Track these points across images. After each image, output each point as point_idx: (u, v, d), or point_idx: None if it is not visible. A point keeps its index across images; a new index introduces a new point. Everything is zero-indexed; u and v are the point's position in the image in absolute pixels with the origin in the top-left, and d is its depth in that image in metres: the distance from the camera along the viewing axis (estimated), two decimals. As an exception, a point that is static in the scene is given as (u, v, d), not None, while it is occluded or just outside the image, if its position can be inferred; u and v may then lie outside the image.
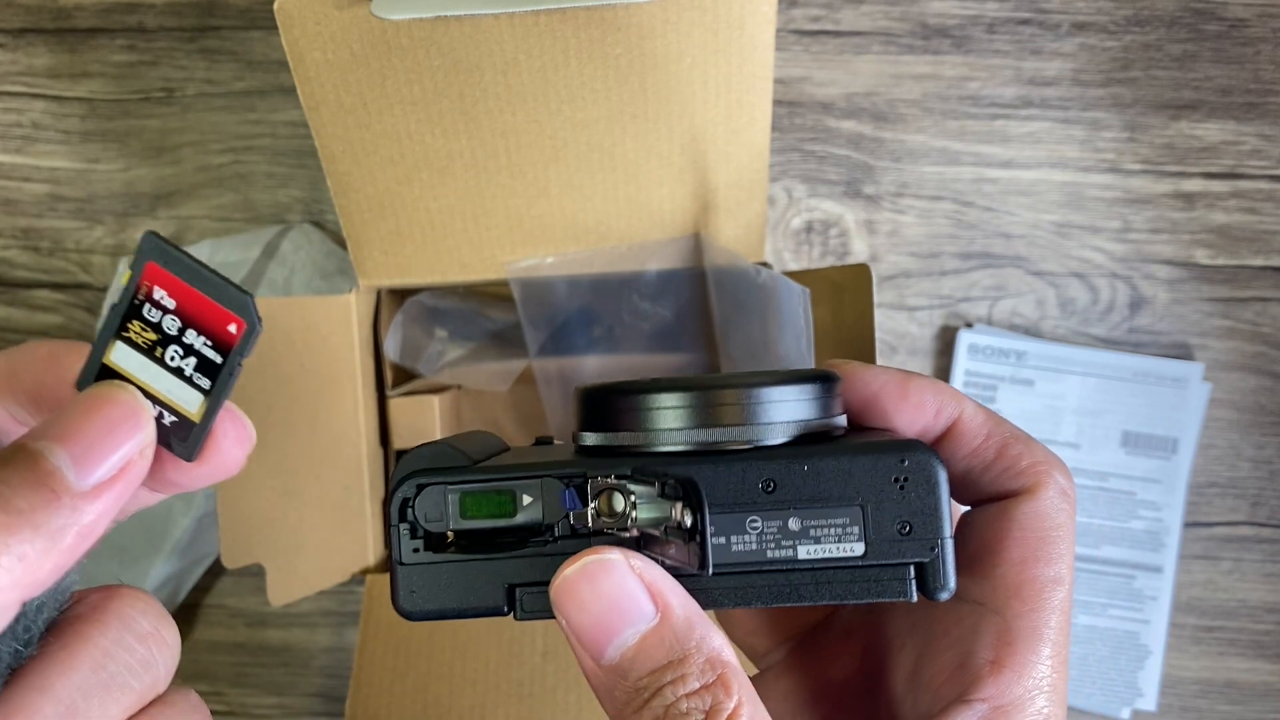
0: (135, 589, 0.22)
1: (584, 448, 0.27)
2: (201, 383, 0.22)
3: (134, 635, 0.21)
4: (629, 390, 0.26)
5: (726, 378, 0.26)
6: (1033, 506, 0.26)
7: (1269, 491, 0.61)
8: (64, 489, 0.20)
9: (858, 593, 0.24)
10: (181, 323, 0.22)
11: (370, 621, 0.50)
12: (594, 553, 0.24)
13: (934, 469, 0.24)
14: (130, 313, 0.22)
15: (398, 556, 0.25)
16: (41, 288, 0.62)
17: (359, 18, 0.42)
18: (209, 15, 0.60)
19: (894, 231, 0.61)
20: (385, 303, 0.55)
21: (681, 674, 0.22)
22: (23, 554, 0.19)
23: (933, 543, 0.24)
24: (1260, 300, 0.61)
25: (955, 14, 0.60)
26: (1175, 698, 0.61)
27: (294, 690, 0.61)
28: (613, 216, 0.51)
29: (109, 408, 0.21)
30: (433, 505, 0.25)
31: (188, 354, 0.22)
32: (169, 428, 0.22)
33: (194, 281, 0.22)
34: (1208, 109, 0.60)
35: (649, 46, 0.44)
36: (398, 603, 0.25)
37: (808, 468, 0.24)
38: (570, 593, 0.23)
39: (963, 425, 0.27)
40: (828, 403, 0.26)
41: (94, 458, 0.20)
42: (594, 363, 0.56)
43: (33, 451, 0.20)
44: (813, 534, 0.24)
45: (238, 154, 0.61)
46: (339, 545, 0.52)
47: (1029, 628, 0.25)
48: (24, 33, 0.61)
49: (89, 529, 0.20)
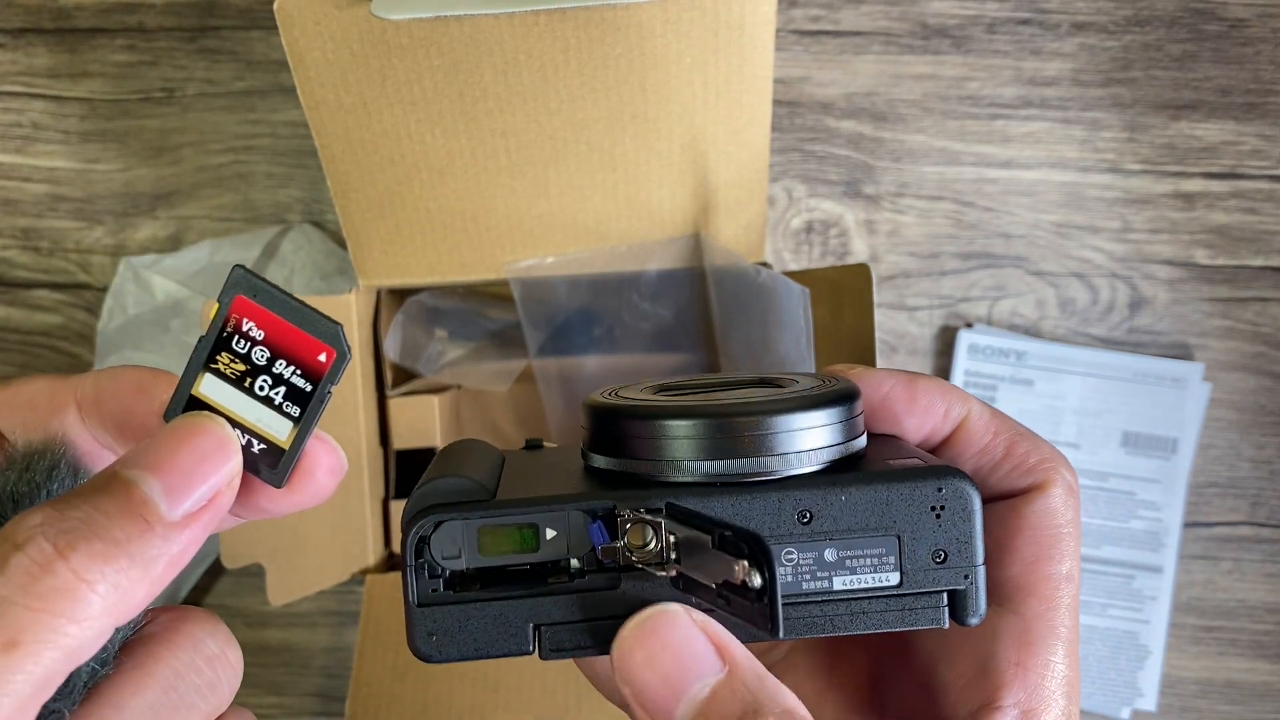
0: (205, 611, 0.23)
1: (596, 470, 0.26)
2: (291, 411, 0.22)
3: (203, 657, 0.22)
4: (651, 415, 0.24)
5: (755, 403, 0.24)
6: (1043, 504, 0.26)
7: (1269, 491, 0.61)
8: (157, 519, 0.20)
9: (892, 621, 0.24)
10: (271, 353, 0.22)
11: (370, 621, 0.50)
12: (653, 609, 0.23)
13: (970, 497, 0.24)
14: (219, 345, 0.22)
15: (413, 598, 0.23)
16: (41, 288, 0.62)
17: (359, 18, 0.42)
18: (209, 15, 0.60)
19: (894, 231, 0.61)
20: (385, 303, 0.55)
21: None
22: (118, 583, 0.19)
23: (967, 570, 0.24)
24: (1260, 300, 0.61)
25: (955, 14, 0.60)
26: (1175, 698, 0.61)
27: (294, 690, 0.61)
28: (613, 216, 0.51)
29: (199, 438, 0.21)
30: (450, 542, 0.24)
31: (277, 383, 0.22)
32: (258, 455, 0.22)
33: (283, 313, 0.22)
34: (1208, 109, 0.60)
35: (649, 46, 0.44)
36: (415, 647, 0.24)
37: (845, 498, 0.24)
38: (634, 651, 0.23)
39: (970, 425, 0.27)
40: (855, 423, 0.25)
41: (185, 488, 0.21)
42: (594, 363, 0.56)
43: (126, 480, 0.20)
44: (849, 564, 0.24)
45: (238, 154, 0.61)
46: (339, 545, 0.52)
47: (1047, 627, 0.25)
48: (24, 33, 0.61)
49: (178, 558, 0.20)
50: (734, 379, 0.28)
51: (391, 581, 0.51)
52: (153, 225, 0.61)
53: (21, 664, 0.18)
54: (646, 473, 0.24)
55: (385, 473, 0.56)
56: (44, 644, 0.18)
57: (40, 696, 0.19)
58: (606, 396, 0.26)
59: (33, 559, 0.18)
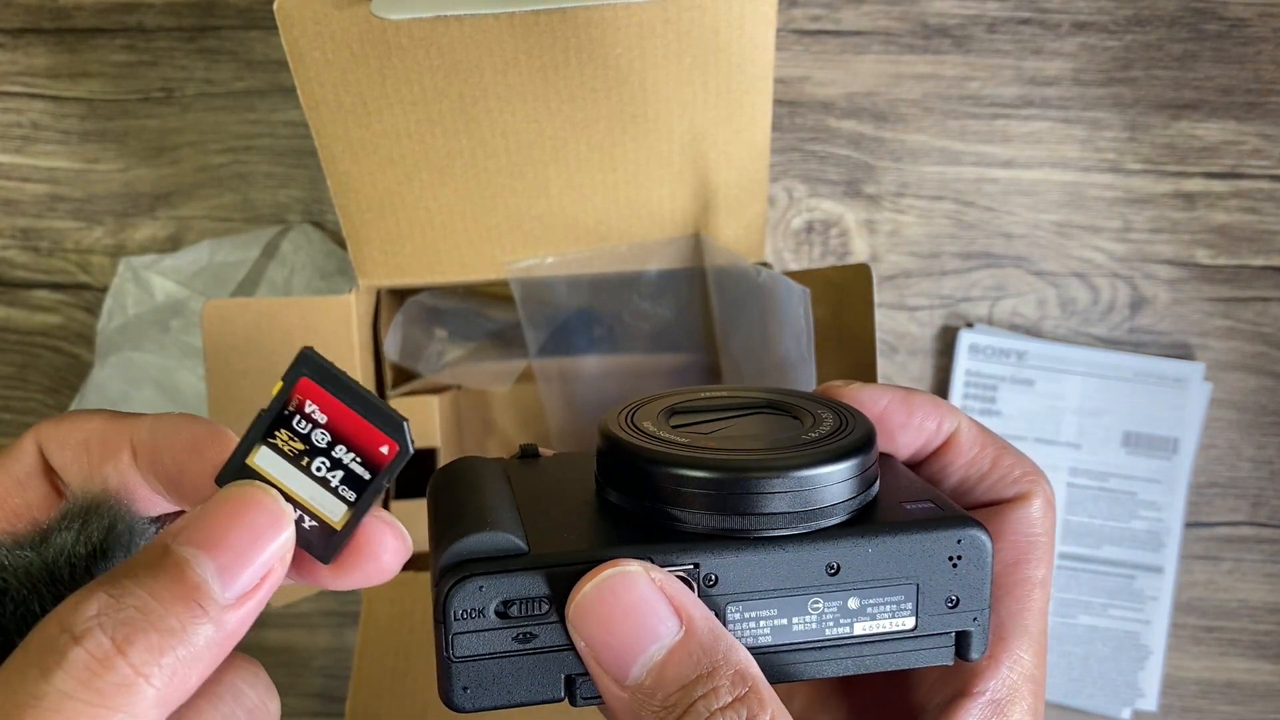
0: (248, 659, 0.23)
1: (613, 506, 0.26)
2: (347, 495, 0.22)
3: (244, 709, 0.22)
4: (682, 464, 0.24)
5: (782, 456, 0.24)
6: (1024, 513, 0.27)
7: (1269, 491, 0.61)
8: (211, 603, 0.20)
9: (901, 661, 0.25)
10: (332, 438, 0.22)
11: (370, 621, 0.50)
12: (612, 566, 0.23)
13: (986, 549, 0.25)
14: (278, 422, 0.22)
15: (449, 653, 0.23)
16: (41, 288, 0.62)
17: (359, 18, 0.42)
18: (209, 15, 0.60)
19: (894, 231, 0.61)
20: (385, 303, 0.55)
21: (713, 687, 0.22)
22: (174, 671, 0.19)
23: (976, 614, 0.25)
24: (1261, 300, 0.61)
25: (956, 14, 0.60)
26: (1176, 698, 0.61)
27: (294, 690, 0.61)
28: (613, 216, 0.51)
29: (253, 513, 0.21)
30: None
31: (335, 467, 0.22)
32: (309, 531, 0.22)
33: (349, 401, 0.22)
34: (1208, 109, 0.60)
35: (649, 46, 0.44)
36: (451, 700, 0.24)
37: (872, 550, 0.24)
38: (591, 611, 0.23)
39: (960, 438, 0.28)
40: (874, 468, 0.26)
41: (239, 568, 0.21)
42: (594, 363, 0.56)
43: (179, 560, 0.20)
44: (869, 611, 0.25)
45: (237, 154, 0.61)
46: (339, 545, 0.52)
47: (1020, 626, 0.26)
48: (23, 33, 0.61)
49: (230, 638, 0.20)
50: (742, 399, 0.29)
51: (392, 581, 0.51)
52: (152, 225, 0.61)
53: None
54: (672, 521, 0.24)
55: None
56: None
57: None
58: (625, 427, 0.26)
59: (91, 654, 0.19)
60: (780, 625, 0.24)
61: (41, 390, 0.62)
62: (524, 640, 0.24)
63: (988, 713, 0.26)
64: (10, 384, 0.62)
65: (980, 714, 0.26)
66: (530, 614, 0.23)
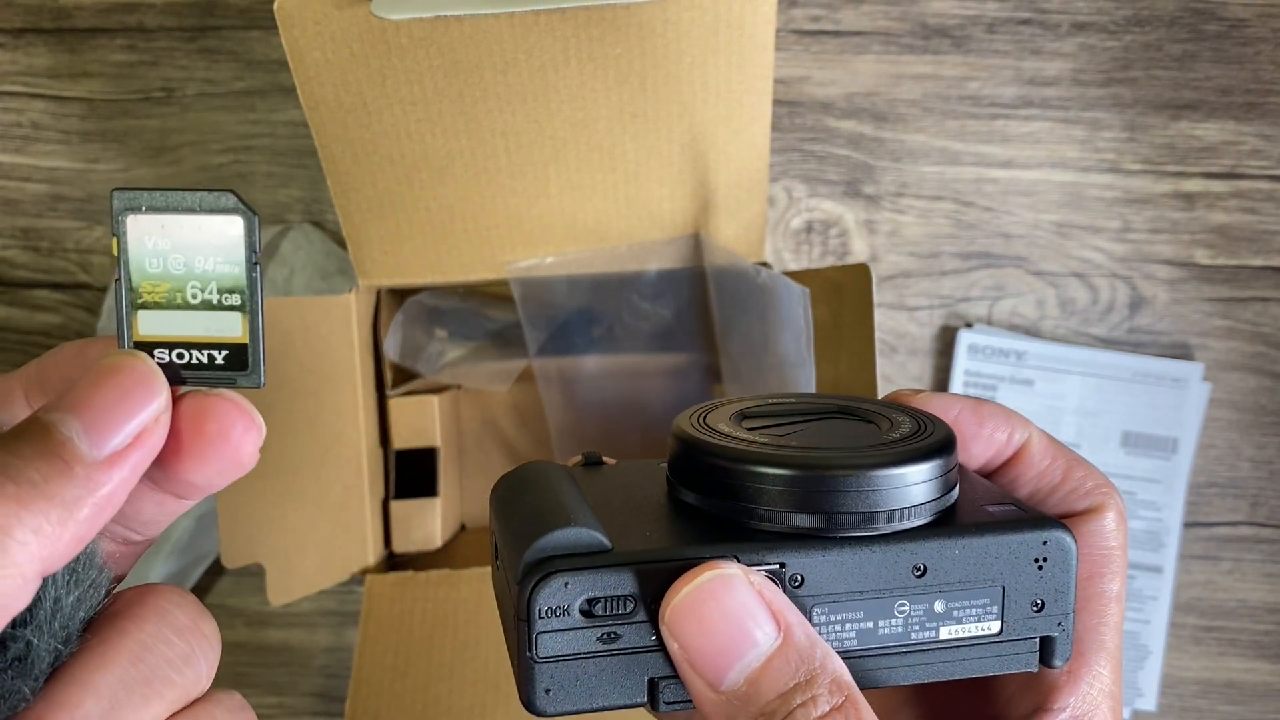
0: (171, 585, 0.22)
1: (688, 507, 0.25)
2: (232, 301, 0.21)
3: (172, 629, 0.21)
4: (765, 462, 0.24)
5: (868, 455, 0.24)
6: (1098, 526, 0.27)
7: (1269, 491, 0.61)
8: (76, 459, 0.19)
9: (987, 667, 0.25)
10: (186, 255, 0.21)
11: (370, 621, 0.50)
12: (711, 568, 0.22)
13: (1071, 550, 0.24)
14: (134, 276, 0.21)
15: (532, 654, 0.23)
16: (41, 288, 0.62)
17: (359, 17, 0.42)
18: (209, 15, 0.60)
19: (894, 231, 0.61)
20: (385, 303, 0.55)
21: (811, 696, 0.21)
22: (38, 527, 0.18)
23: (1060, 618, 0.25)
24: (1260, 300, 0.61)
25: (955, 14, 0.60)
26: (1175, 698, 0.61)
27: (294, 690, 0.61)
28: (613, 216, 0.51)
29: (120, 375, 0.20)
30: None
31: (207, 282, 0.21)
32: (224, 364, 0.22)
33: (176, 209, 0.21)
34: (1208, 109, 0.60)
35: (649, 46, 0.44)
36: (531, 701, 0.23)
37: (959, 551, 0.24)
38: (689, 614, 0.22)
39: (1031, 449, 0.28)
40: (955, 471, 0.25)
41: (107, 426, 0.20)
42: (594, 363, 0.56)
43: (45, 423, 0.20)
44: (955, 615, 0.24)
45: (238, 154, 0.61)
46: (339, 545, 0.52)
47: (1097, 641, 0.26)
48: (24, 33, 0.61)
49: (106, 499, 0.20)
50: (814, 407, 0.28)
51: (392, 581, 0.51)
52: (153, 225, 0.61)
53: None
54: (753, 520, 0.24)
55: (385, 473, 0.56)
56: None
57: None
58: (699, 427, 0.26)
59: None
60: (866, 629, 0.24)
61: (41, 390, 0.62)
62: (608, 640, 0.23)
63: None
64: (10, 384, 0.62)
65: None
66: (615, 613, 0.23)
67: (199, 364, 0.22)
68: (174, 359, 0.22)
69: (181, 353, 0.22)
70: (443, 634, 0.50)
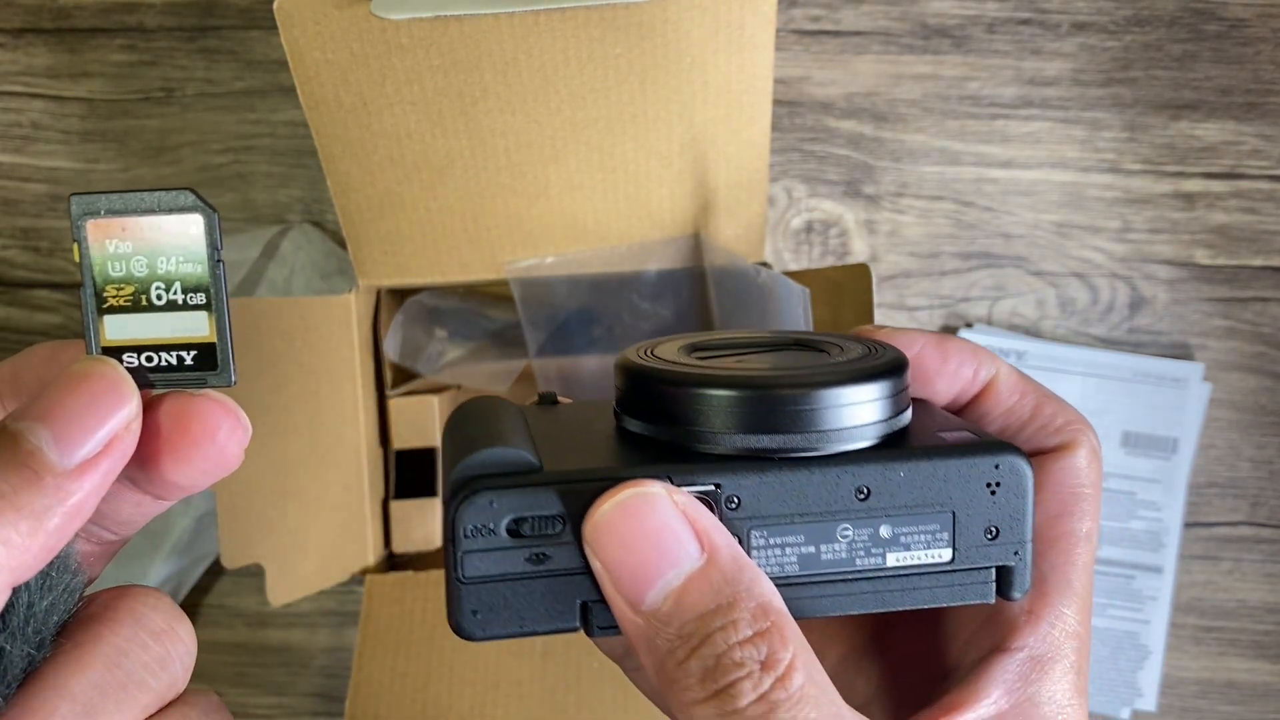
0: (147, 587, 0.22)
1: (632, 435, 0.25)
2: (197, 300, 0.21)
3: (148, 632, 0.21)
4: (702, 383, 0.23)
5: (812, 376, 0.23)
6: (1069, 462, 0.26)
7: (1269, 492, 0.61)
8: (46, 469, 0.19)
9: (941, 597, 0.24)
10: (147, 257, 0.21)
11: (370, 621, 0.50)
12: (634, 485, 0.22)
13: (1025, 474, 0.23)
14: (98, 281, 0.21)
15: (458, 574, 0.22)
16: (41, 288, 0.62)
17: (359, 17, 0.42)
18: (209, 15, 0.60)
19: (894, 231, 0.61)
20: (385, 303, 0.55)
21: (732, 619, 0.21)
22: (6, 538, 0.18)
23: (1017, 547, 0.24)
24: (1260, 300, 0.61)
25: (955, 14, 0.60)
26: (1175, 698, 0.61)
27: (294, 690, 0.61)
28: (613, 216, 0.51)
29: (89, 382, 0.20)
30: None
31: (170, 282, 0.21)
32: (194, 365, 0.22)
33: (135, 210, 0.21)
34: (1208, 109, 0.60)
35: (649, 46, 0.44)
36: (459, 624, 0.23)
37: (904, 474, 0.23)
38: (609, 530, 0.22)
39: (999, 385, 0.27)
40: (905, 394, 0.25)
41: (76, 434, 0.20)
42: (594, 363, 0.56)
43: (12, 432, 0.19)
44: (903, 541, 0.23)
45: (238, 154, 0.61)
46: (339, 545, 0.52)
47: (1062, 580, 0.25)
48: (24, 33, 0.61)
49: (75, 509, 0.19)
50: (768, 339, 0.28)
51: (392, 581, 0.51)
52: (153, 225, 0.61)
53: None
54: (693, 443, 0.23)
55: (385, 473, 0.56)
56: None
57: None
58: (644, 356, 0.26)
59: None
60: (808, 554, 0.23)
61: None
62: (537, 561, 0.23)
63: (1026, 669, 0.24)
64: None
65: (1018, 670, 0.24)
66: (543, 533, 0.22)
67: (168, 366, 0.22)
68: (143, 362, 0.22)
69: (150, 355, 0.22)
70: (443, 634, 0.50)
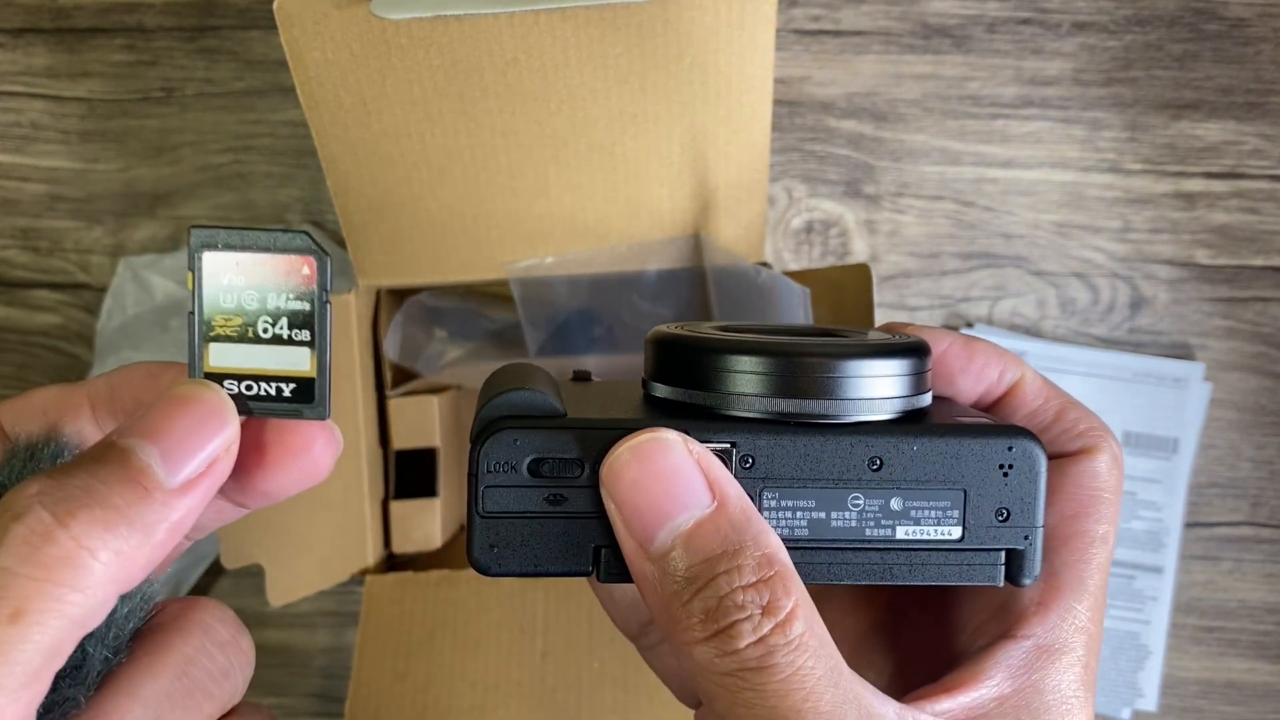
0: (214, 600, 0.23)
1: (659, 400, 0.26)
2: (302, 337, 0.22)
3: (215, 644, 0.22)
4: (728, 349, 0.24)
5: (830, 346, 0.24)
6: (1089, 466, 0.26)
7: (1269, 492, 0.61)
8: (155, 485, 0.20)
9: (949, 575, 0.24)
10: (259, 292, 0.22)
11: (370, 622, 0.50)
12: (649, 432, 0.23)
13: (1038, 458, 0.24)
14: (208, 310, 0.22)
15: (478, 508, 0.24)
16: (40, 288, 0.62)
17: (359, 17, 0.42)
18: (208, 15, 0.60)
19: (894, 231, 0.61)
20: (385, 303, 0.55)
21: (737, 564, 0.22)
22: (119, 549, 0.19)
23: (1027, 531, 0.24)
24: (1261, 300, 0.61)
25: (955, 14, 0.60)
26: (1176, 698, 0.61)
27: (293, 690, 0.61)
28: (613, 216, 0.51)
29: (194, 405, 0.21)
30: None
31: (278, 318, 0.22)
32: (291, 397, 0.22)
33: (251, 247, 0.22)
34: (1208, 109, 0.60)
35: (649, 46, 0.44)
36: (475, 558, 0.24)
37: (917, 448, 0.24)
38: (623, 472, 0.23)
39: (1024, 388, 0.27)
40: (925, 377, 0.25)
41: (183, 454, 0.20)
42: (594, 363, 0.56)
43: (123, 449, 0.20)
44: (913, 515, 0.24)
45: (237, 154, 0.61)
46: (339, 545, 0.52)
47: (1075, 577, 0.25)
48: (23, 33, 0.61)
49: (178, 525, 0.20)
50: (800, 327, 0.28)
51: (392, 581, 0.51)
52: (152, 225, 0.61)
53: (29, 634, 0.18)
54: (713, 405, 0.24)
55: (385, 473, 0.56)
56: (50, 613, 0.18)
57: (51, 666, 0.19)
58: (675, 329, 0.27)
59: (32, 529, 0.18)
60: (818, 519, 0.24)
61: (41, 390, 0.62)
62: (555, 502, 0.24)
63: (1032, 658, 0.24)
64: (10, 384, 0.62)
65: (1024, 658, 0.24)
66: (562, 476, 0.23)
67: (267, 396, 0.23)
68: (243, 390, 0.22)
69: (250, 384, 0.22)
70: (443, 634, 0.50)
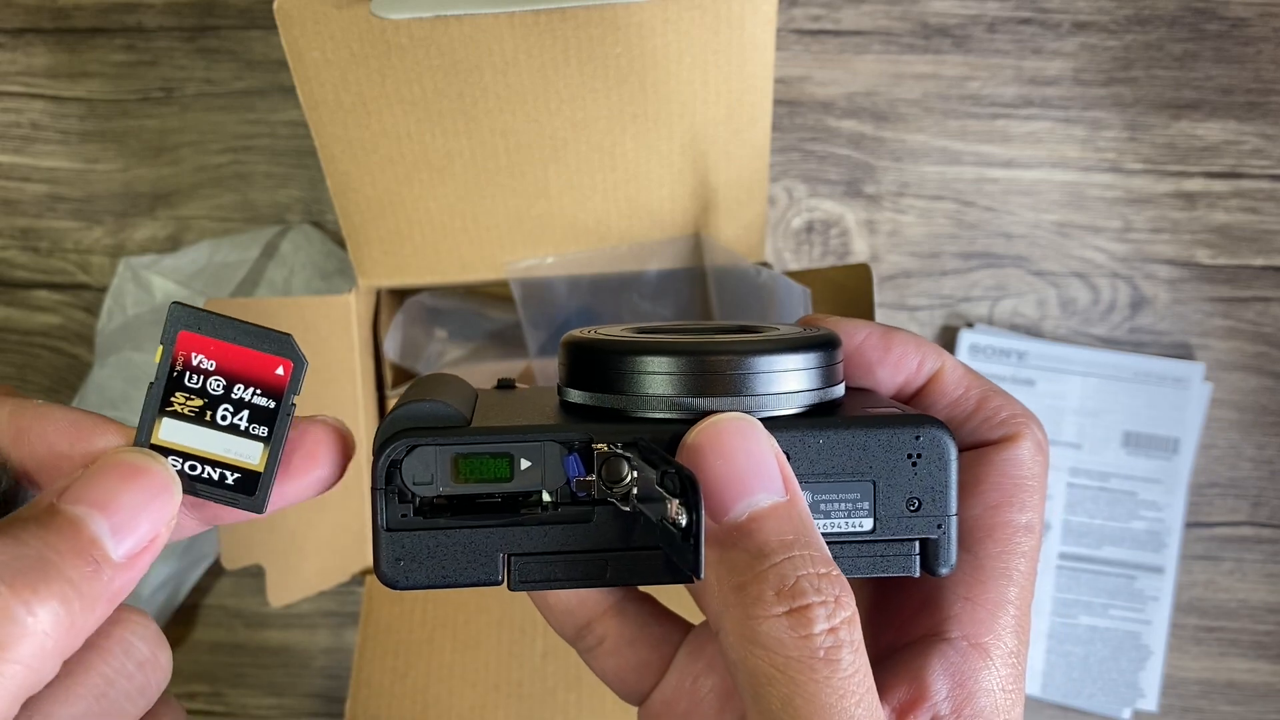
0: (138, 613, 0.23)
1: (572, 405, 0.25)
2: (259, 432, 0.22)
3: (134, 663, 0.22)
4: (630, 350, 0.24)
5: (734, 343, 0.24)
6: (1011, 454, 0.26)
7: (1270, 492, 0.61)
8: (104, 559, 0.20)
9: (863, 568, 0.24)
10: (227, 381, 0.22)
11: (370, 622, 0.50)
12: (737, 415, 0.23)
13: (947, 446, 0.24)
14: (171, 386, 0.22)
15: (382, 522, 0.23)
16: (40, 288, 0.61)
17: (359, 17, 0.42)
18: (208, 15, 0.60)
19: (895, 231, 0.61)
20: (385, 303, 0.55)
21: (806, 554, 0.22)
22: (71, 624, 0.19)
23: (940, 520, 0.24)
24: (1261, 300, 0.61)
25: (956, 13, 0.60)
26: (1176, 698, 0.61)
27: (293, 691, 0.61)
28: (613, 216, 0.51)
29: (144, 478, 0.21)
30: (423, 467, 0.23)
31: (239, 409, 0.22)
32: (234, 486, 0.22)
33: (231, 337, 0.22)
34: (1209, 108, 0.60)
35: (649, 46, 0.44)
36: (382, 572, 0.23)
37: (823, 441, 0.23)
38: (716, 441, 0.22)
39: (944, 378, 0.27)
40: (834, 369, 0.25)
41: (130, 529, 0.21)
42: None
43: (73, 517, 0.20)
44: (823, 509, 0.24)
45: (237, 154, 0.61)
46: (339, 545, 0.52)
47: (1001, 568, 0.25)
48: (23, 33, 0.61)
49: (118, 596, 0.20)
50: (717, 325, 0.28)
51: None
52: (152, 225, 0.61)
53: None
54: (623, 408, 0.24)
55: (385, 473, 0.55)
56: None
57: None
58: (585, 333, 0.26)
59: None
60: None
61: (41, 391, 0.62)
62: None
63: (961, 657, 0.24)
64: (11, 384, 0.62)
65: (956, 657, 0.24)
66: None
67: (209, 480, 0.22)
68: (186, 470, 0.22)
69: (195, 465, 0.22)
70: (443, 634, 0.50)
